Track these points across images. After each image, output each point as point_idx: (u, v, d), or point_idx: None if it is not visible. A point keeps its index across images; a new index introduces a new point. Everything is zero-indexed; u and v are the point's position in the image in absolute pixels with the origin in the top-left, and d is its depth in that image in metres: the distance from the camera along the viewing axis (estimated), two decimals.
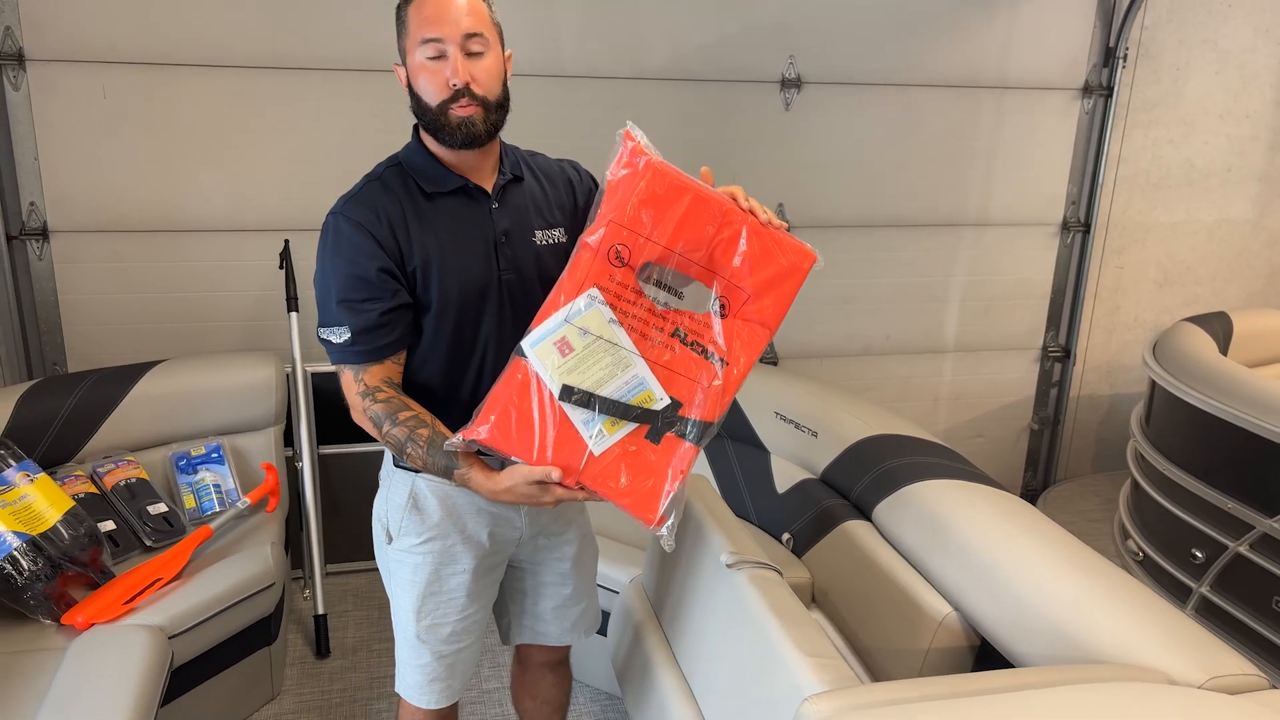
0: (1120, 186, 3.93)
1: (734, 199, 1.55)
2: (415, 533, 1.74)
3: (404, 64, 1.63)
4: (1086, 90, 3.76)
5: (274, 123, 3.14)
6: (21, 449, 2.41)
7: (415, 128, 1.71)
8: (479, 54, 1.58)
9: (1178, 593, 2.95)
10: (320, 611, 2.90)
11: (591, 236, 1.54)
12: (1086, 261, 3.94)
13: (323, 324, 1.62)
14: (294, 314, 2.99)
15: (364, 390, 1.60)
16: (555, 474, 1.49)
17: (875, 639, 2.20)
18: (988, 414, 4.10)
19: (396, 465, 1.74)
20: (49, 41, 2.93)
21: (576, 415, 1.52)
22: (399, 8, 1.61)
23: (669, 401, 1.54)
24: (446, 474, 1.58)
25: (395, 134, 1.85)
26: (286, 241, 3.06)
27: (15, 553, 2.16)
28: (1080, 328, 4.04)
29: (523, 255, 1.69)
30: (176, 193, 3.13)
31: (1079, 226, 3.92)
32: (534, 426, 1.52)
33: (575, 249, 1.57)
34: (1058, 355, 4.08)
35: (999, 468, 4.17)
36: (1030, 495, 4.19)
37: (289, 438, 3.03)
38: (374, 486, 1.85)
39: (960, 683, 1.50)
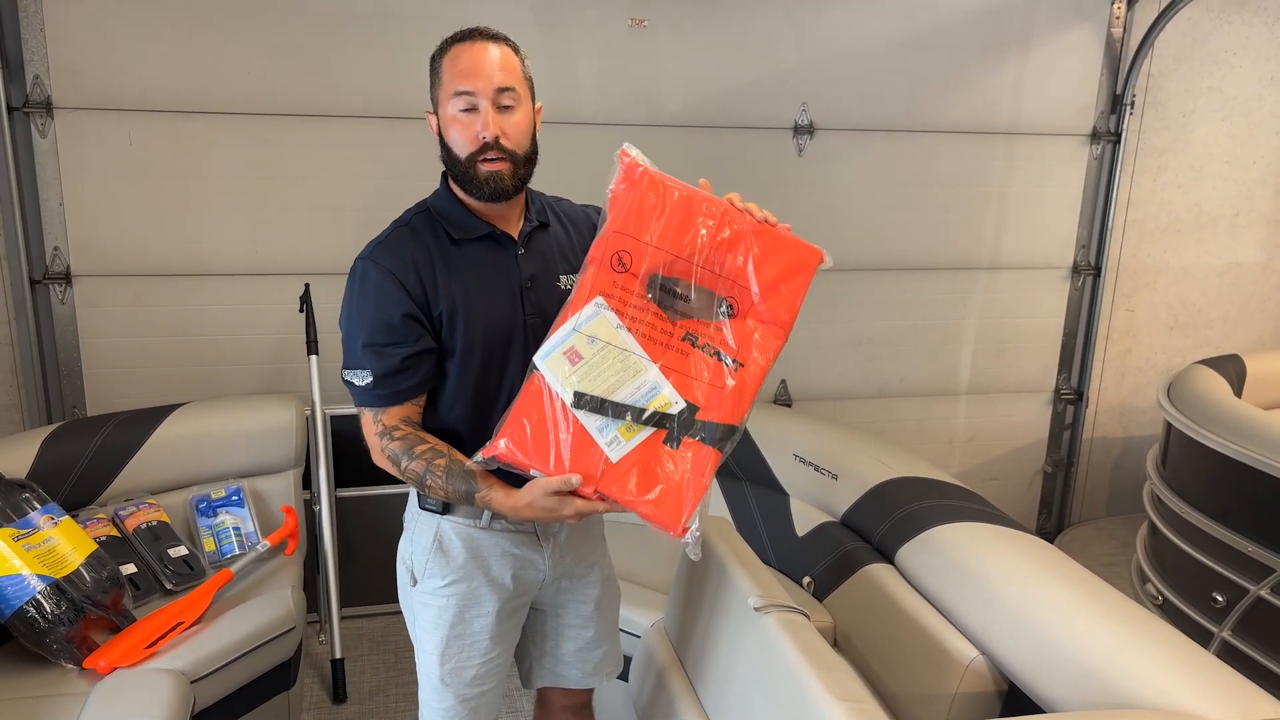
0: (1130, 230, 3.97)
1: (731, 202, 1.57)
2: (440, 575, 1.74)
3: (436, 113, 1.66)
4: (1095, 136, 3.81)
5: (295, 168, 3.19)
6: (45, 491, 2.42)
7: (444, 174, 1.74)
8: (510, 108, 1.61)
9: (1198, 637, 2.93)
10: (337, 656, 2.88)
11: (595, 249, 1.57)
12: (1097, 304, 3.97)
13: (347, 366, 1.65)
14: (314, 357, 3.01)
15: (381, 430, 1.64)
16: (575, 479, 1.49)
17: (901, 684, 2.18)
18: (1002, 456, 4.10)
19: (422, 508, 1.75)
20: (76, 90, 2.99)
21: (591, 423, 1.52)
22: (433, 58, 1.65)
23: (685, 405, 1.53)
24: (468, 499, 1.60)
25: (414, 180, 1.90)
26: (307, 285, 3.09)
27: (39, 596, 2.16)
28: (1092, 370, 4.06)
29: (547, 299, 1.72)
30: (198, 237, 3.17)
31: (1089, 270, 3.95)
32: (549, 437, 1.52)
33: (583, 266, 1.59)
34: (1070, 398, 4.08)
35: (1014, 510, 4.15)
36: (1045, 538, 4.11)
37: (308, 480, 3.03)
38: (390, 530, 1.86)
39: None
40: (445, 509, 1.72)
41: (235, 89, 3.08)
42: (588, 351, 1.54)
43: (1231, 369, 3.46)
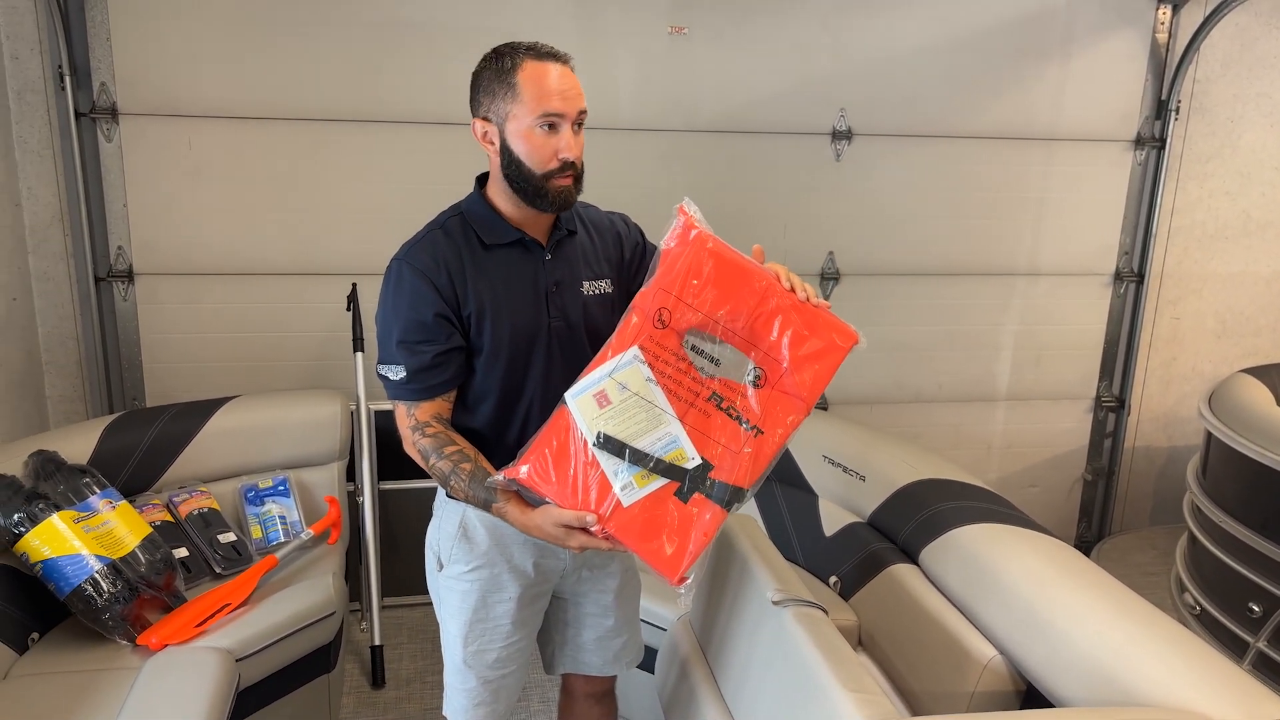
0: (1175, 237, 3.93)
1: (777, 276, 1.63)
2: (464, 561, 1.82)
3: (497, 123, 1.68)
4: (1139, 142, 3.78)
5: (344, 172, 3.30)
6: (105, 477, 2.54)
7: (479, 179, 1.82)
8: (580, 128, 1.70)
9: (1235, 647, 2.90)
10: (377, 642, 2.98)
11: (640, 299, 1.63)
12: (1140, 312, 3.93)
13: (382, 361, 1.73)
14: (359, 354, 3.12)
15: (414, 424, 1.72)
16: (591, 519, 1.55)
17: (921, 682, 2.21)
18: (1041, 463, 4.07)
19: (448, 496, 1.83)
20: (140, 96, 3.13)
21: (608, 465, 1.59)
22: (500, 70, 1.66)
23: (700, 462, 1.60)
24: (485, 506, 1.67)
25: (457, 184, 1.96)
26: (354, 285, 3.20)
27: (96, 575, 2.28)
28: (1135, 378, 4.02)
29: (571, 304, 1.78)
30: (252, 238, 3.30)
31: (1132, 277, 3.91)
32: (569, 472, 1.59)
33: (627, 311, 1.65)
34: (1112, 405, 4.05)
35: (1053, 518, 4.13)
36: (1085, 546, 4.14)
37: (351, 473, 3.14)
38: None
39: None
40: None
41: (287, 96, 3.21)
42: (616, 398, 1.61)
43: (1276, 377, 3.41)
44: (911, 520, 2.44)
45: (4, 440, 2.87)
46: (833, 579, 2.69)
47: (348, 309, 3.17)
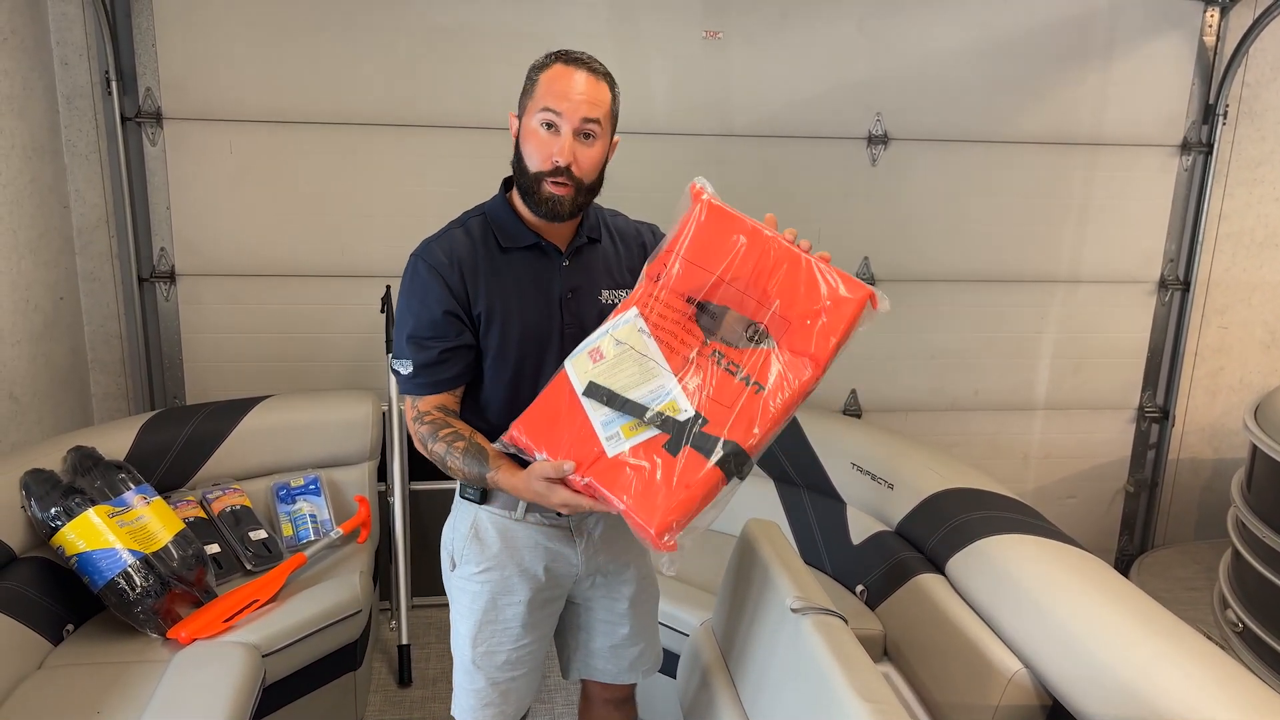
0: (1222, 245, 3.83)
1: (783, 237, 1.61)
2: (475, 562, 1.83)
3: (519, 117, 1.73)
4: (1185, 147, 3.69)
5: (381, 176, 3.34)
6: (141, 473, 2.60)
7: (504, 182, 1.83)
8: (589, 138, 1.68)
9: (1278, 666, 2.82)
10: (404, 642, 3.01)
11: (648, 266, 1.64)
12: (1186, 320, 3.84)
13: (394, 355, 1.77)
14: (391, 355, 3.15)
15: (416, 415, 1.74)
16: (568, 466, 1.54)
17: (946, 694, 2.18)
18: (1080, 474, 3.99)
19: (462, 496, 1.85)
20: (184, 101, 3.20)
21: (597, 415, 1.56)
22: (533, 68, 1.71)
23: (693, 414, 1.54)
24: (481, 480, 1.68)
25: (492, 189, 1.96)
26: (388, 288, 3.24)
27: (130, 569, 2.33)
28: (1180, 388, 3.92)
29: (587, 312, 1.78)
30: (291, 240, 3.35)
31: (1178, 285, 3.82)
32: (558, 425, 1.58)
33: (638, 282, 1.66)
34: (1155, 416, 3.96)
35: (1093, 530, 4.04)
36: (1126, 559, 4.05)
37: (383, 473, 3.18)
38: None
39: None
40: (483, 498, 1.80)
41: (326, 101, 3.26)
42: (611, 352, 1.60)
43: None
44: (939, 530, 2.41)
45: (51, 435, 2.94)
46: (859, 588, 2.66)
47: (382, 311, 3.21)
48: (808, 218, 3.57)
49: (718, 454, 1.52)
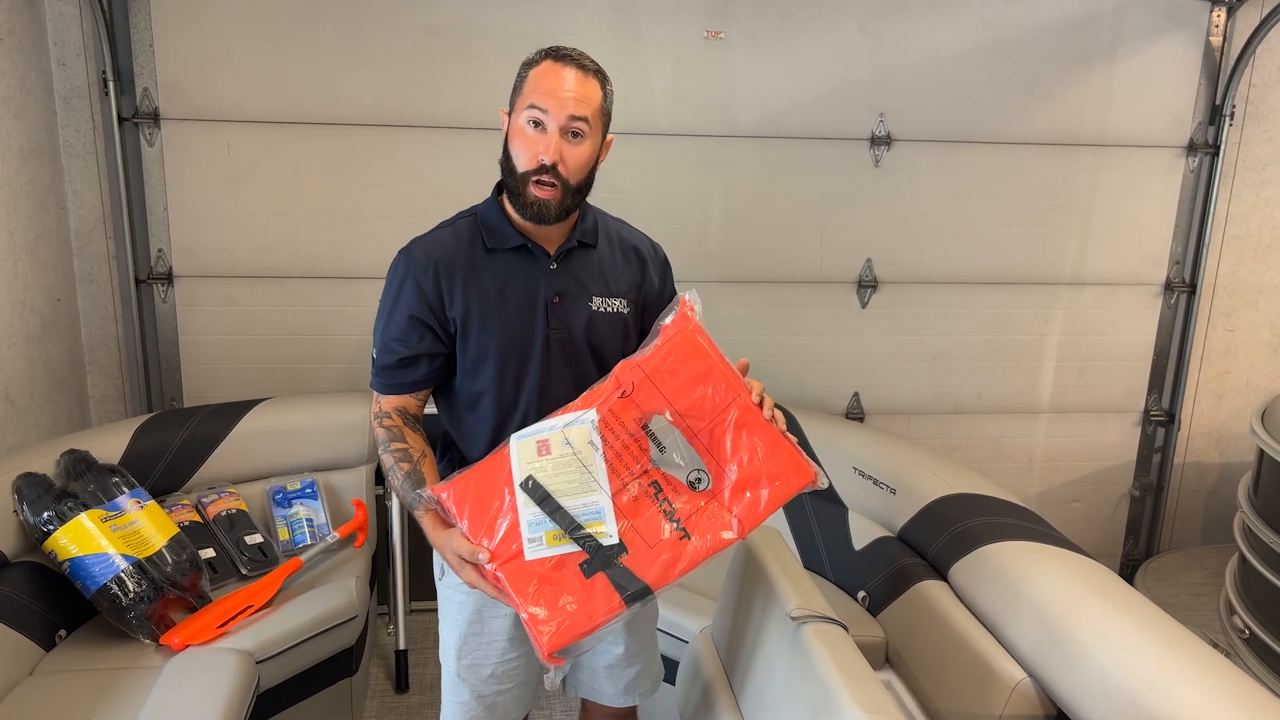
0: (1229, 247, 3.80)
1: (751, 391, 1.58)
2: None
3: (509, 114, 1.69)
4: (1191, 148, 3.66)
5: (380, 177, 3.32)
6: (136, 477, 2.58)
7: (498, 184, 1.79)
8: (577, 137, 1.63)
9: None
10: (402, 647, 2.98)
11: (620, 369, 1.60)
12: (1192, 323, 3.80)
13: (374, 345, 1.76)
14: None
15: (377, 412, 1.75)
16: (483, 556, 1.52)
17: (948, 702, 2.15)
18: (1085, 478, 3.96)
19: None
20: (181, 102, 3.18)
21: (525, 511, 1.54)
22: (523, 65, 1.67)
23: (617, 542, 1.53)
24: (411, 509, 1.67)
25: (486, 190, 1.92)
26: None
27: (122, 574, 2.30)
28: (1186, 392, 3.89)
29: (574, 317, 1.74)
30: (289, 241, 3.33)
31: (1184, 287, 3.79)
32: (487, 507, 1.55)
33: (609, 374, 1.62)
34: (1161, 419, 3.92)
35: (1098, 534, 4.01)
36: (1131, 565, 4.01)
37: (380, 477, 3.15)
38: None
39: None
40: None
41: (325, 101, 3.24)
42: (557, 451, 1.56)
43: None
44: (942, 535, 2.38)
45: (47, 438, 2.92)
46: (861, 594, 2.63)
47: None
48: (810, 219, 3.54)
49: (627, 590, 1.51)
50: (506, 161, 1.68)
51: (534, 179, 1.63)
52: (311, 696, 2.52)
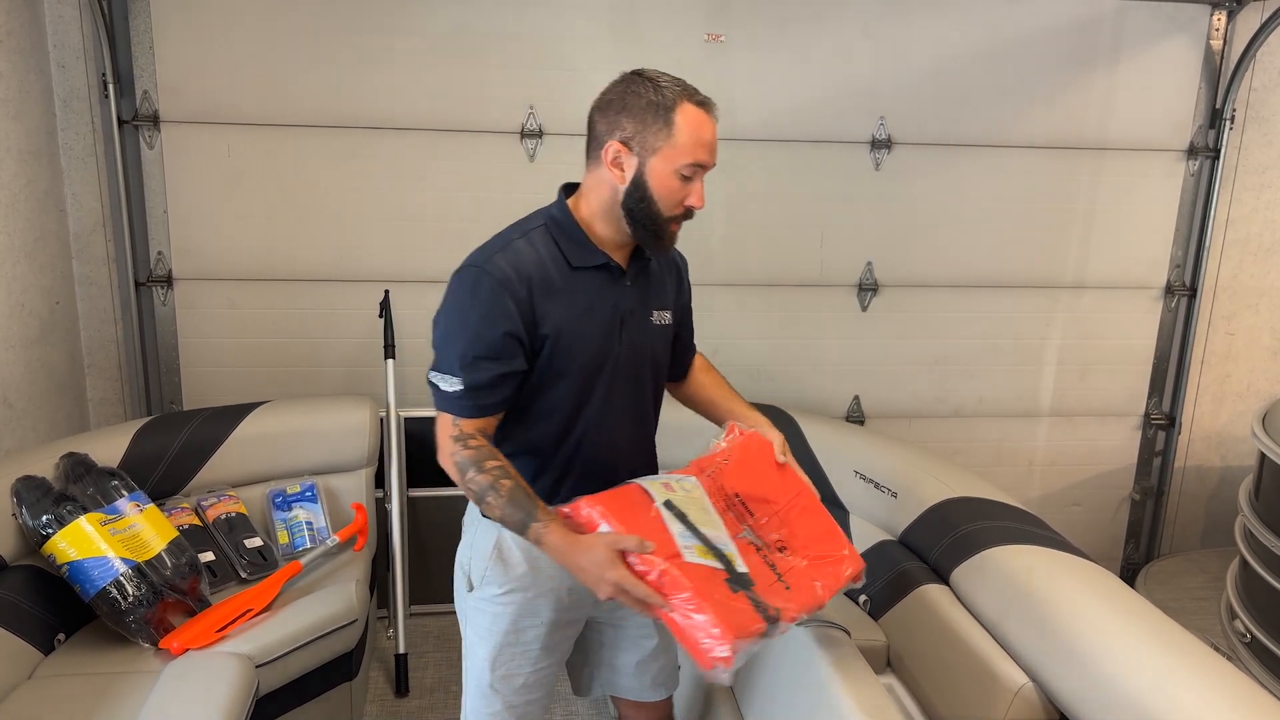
0: (1230, 250, 3.80)
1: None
2: (498, 583, 1.77)
3: (638, 153, 1.64)
4: (1192, 152, 3.66)
5: (379, 180, 3.31)
6: (134, 480, 2.57)
7: (564, 189, 1.77)
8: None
9: None
10: (402, 651, 2.97)
11: (698, 462, 1.80)
12: (1193, 327, 3.80)
13: (437, 369, 1.65)
14: (390, 361, 3.12)
15: (458, 435, 1.63)
16: (649, 544, 1.52)
17: (950, 707, 2.14)
18: (1085, 481, 3.95)
19: (484, 515, 1.77)
20: (181, 105, 3.18)
21: (674, 527, 1.60)
22: (661, 106, 1.62)
23: (746, 572, 1.61)
24: (521, 527, 1.58)
25: (489, 191, 1.94)
26: (386, 292, 3.21)
27: (121, 578, 2.29)
28: (1186, 395, 3.88)
29: (640, 333, 1.76)
30: (288, 244, 3.32)
31: (1184, 290, 3.79)
32: (633, 515, 1.59)
33: (707, 453, 1.80)
34: (1162, 423, 3.92)
35: (1098, 538, 4.00)
36: (1132, 568, 4.00)
37: (380, 480, 3.14)
38: (460, 531, 1.90)
39: None
40: None
41: (324, 104, 3.23)
42: (681, 489, 1.69)
43: None
44: (943, 539, 2.37)
45: (46, 441, 2.91)
46: (862, 598, 2.62)
47: (380, 315, 3.18)
48: (811, 222, 3.54)
49: (768, 612, 1.55)
50: (644, 203, 1.65)
51: (674, 221, 1.67)
52: (311, 701, 2.51)
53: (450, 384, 1.63)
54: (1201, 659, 1.69)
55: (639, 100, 1.63)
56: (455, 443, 1.63)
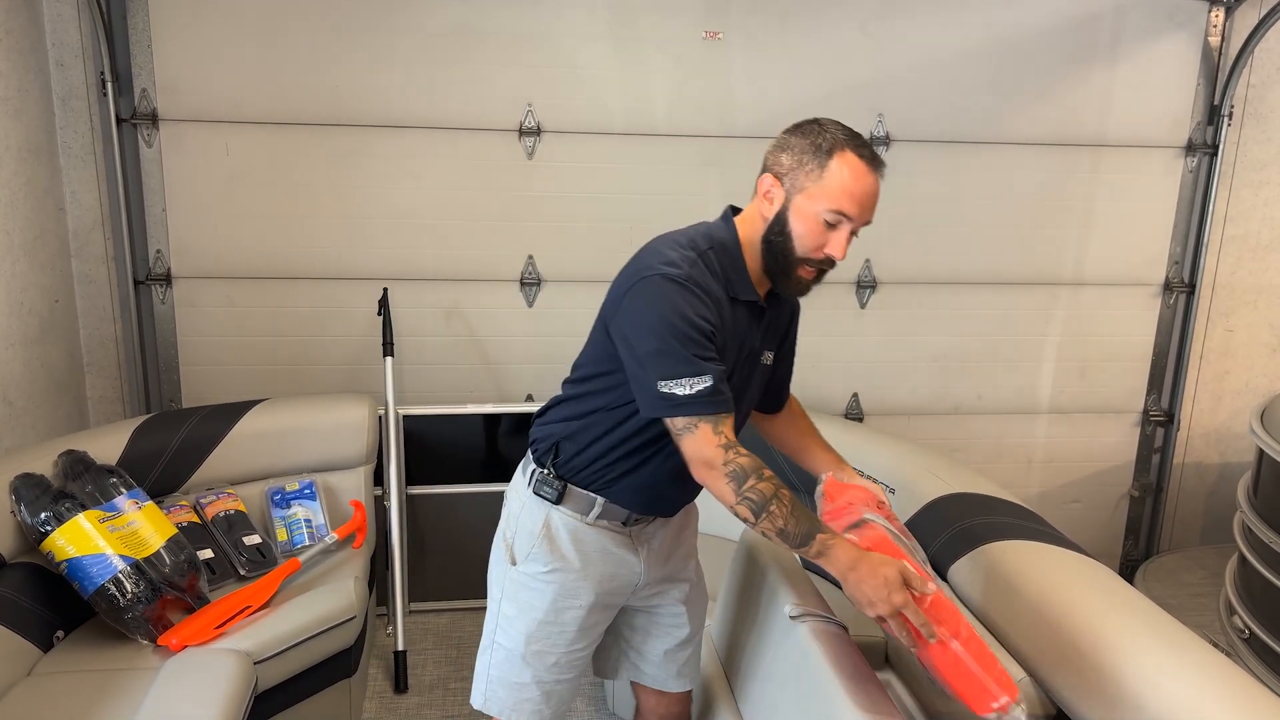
0: (1228, 247, 3.80)
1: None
2: (543, 561, 1.79)
3: (787, 189, 1.66)
4: (1190, 149, 3.66)
5: (377, 177, 3.32)
6: (133, 478, 2.57)
7: (730, 212, 1.77)
8: (854, 235, 1.67)
9: None
10: (401, 648, 2.98)
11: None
12: (1191, 323, 3.80)
13: (669, 376, 1.56)
14: (389, 359, 3.13)
15: (726, 443, 1.57)
16: (932, 586, 1.53)
17: (948, 702, 2.14)
18: (1084, 478, 3.96)
19: (536, 493, 1.78)
20: (180, 103, 3.18)
21: (915, 556, 1.65)
22: (821, 149, 1.63)
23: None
24: (806, 538, 1.54)
25: (488, 189, 1.92)
26: (385, 289, 3.22)
27: (120, 575, 2.30)
28: (1185, 392, 3.88)
29: (751, 370, 1.79)
30: (287, 242, 3.33)
31: (1183, 287, 3.79)
32: (896, 550, 1.61)
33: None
34: (1160, 420, 3.92)
35: (1097, 535, 4.01)
36: (1131, 565, 4.01)
37: (379, 477, 3.15)
38: (459, 528, 1.90)
39: None
40: (559, 499, 1.77)
41: (323, 102, 3.23)
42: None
43: None
44: (941, 535, 2.37)
45: (45, 439, 2.91)
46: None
47: (379, 313, 3.19)
48: None
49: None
50: (781, 236, 1.65)
51: (806, 265, 1.66)
52: (310, 697, 2.51)
53: (695, 385, 1.55)
54: (1198, 654, 1.69)
55: (803, 140, 1.66)
56: (726, 451, 1.56)
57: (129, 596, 2.29)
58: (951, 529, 2.35)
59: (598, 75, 3.34)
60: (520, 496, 1.85)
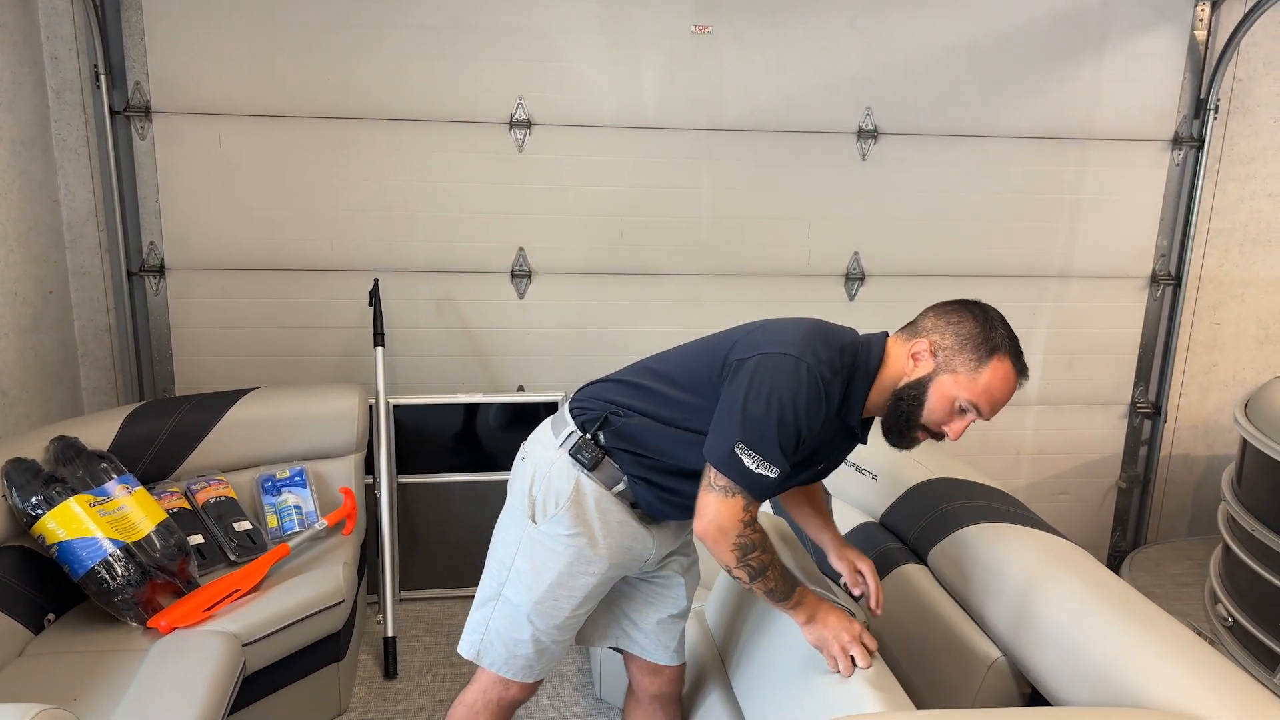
0: (1215, 240, 3.82)
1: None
2: (566, 525, 1.83)
3: (938, 365, 1.75)
4: (1176, 142, 3.68)
5: (369, 170, 3.35)
6: (125, 465, 2.60)
7: (883, 345, 1.84)
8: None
9: (1268, 660, 2.80)
10: (390, 634, 3.00)
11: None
12: (1178, 316, 3.83)
13: (750, 445, 1.66)
14: (380, 349, 3.15)
15: (747, 520, 1.70)
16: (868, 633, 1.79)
17: (927, 683, 2.17)
18: (1073, 470, 3.98)
19: (572, 456, 1.83)
20: (173, 96, 3.21)
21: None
22: (984, 347, 1.73)
23: None
24: (786, 594, 1.77)
25: (478, 182, 1.91)
26: (376, 281, 3.24)
27: (110, 558, 2.33)
28: (1172, 384, 3.91)
29: (811, 470, 1.93)
30: (280, 234, 3.35)
31: (1169, 280, 3.81)
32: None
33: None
34: (1147, 412, 3.94)
35: (1085, 526, 4.03)
36: (1119, 556, 4.03)
37: (370, 466, 3.17)
38: (449, 516, 1.92)
39: (1007, 716, 1.56)
40: (594, 466, 1.82)
41: (315, 95, 3.26)
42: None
43: None
44: (921, 520, 2.40)
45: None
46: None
47: (370, 304, 3.21)
48: (797, 212, 3.56)
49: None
50: (915, 401, 1.75)
51: (925, 432, 1.78)
52: (299, 681, 2.54)
53: (762, 468, 1.66)
54: (1169, 632, 1.71)
55: (972, 327, 1.76)
56: (745, 527, 1.70)
57: (119, 579, 2.31)
58: (931, 514, 2.37)
59: (588, 69, 3.36)
60: (549, 455, 1.87)
